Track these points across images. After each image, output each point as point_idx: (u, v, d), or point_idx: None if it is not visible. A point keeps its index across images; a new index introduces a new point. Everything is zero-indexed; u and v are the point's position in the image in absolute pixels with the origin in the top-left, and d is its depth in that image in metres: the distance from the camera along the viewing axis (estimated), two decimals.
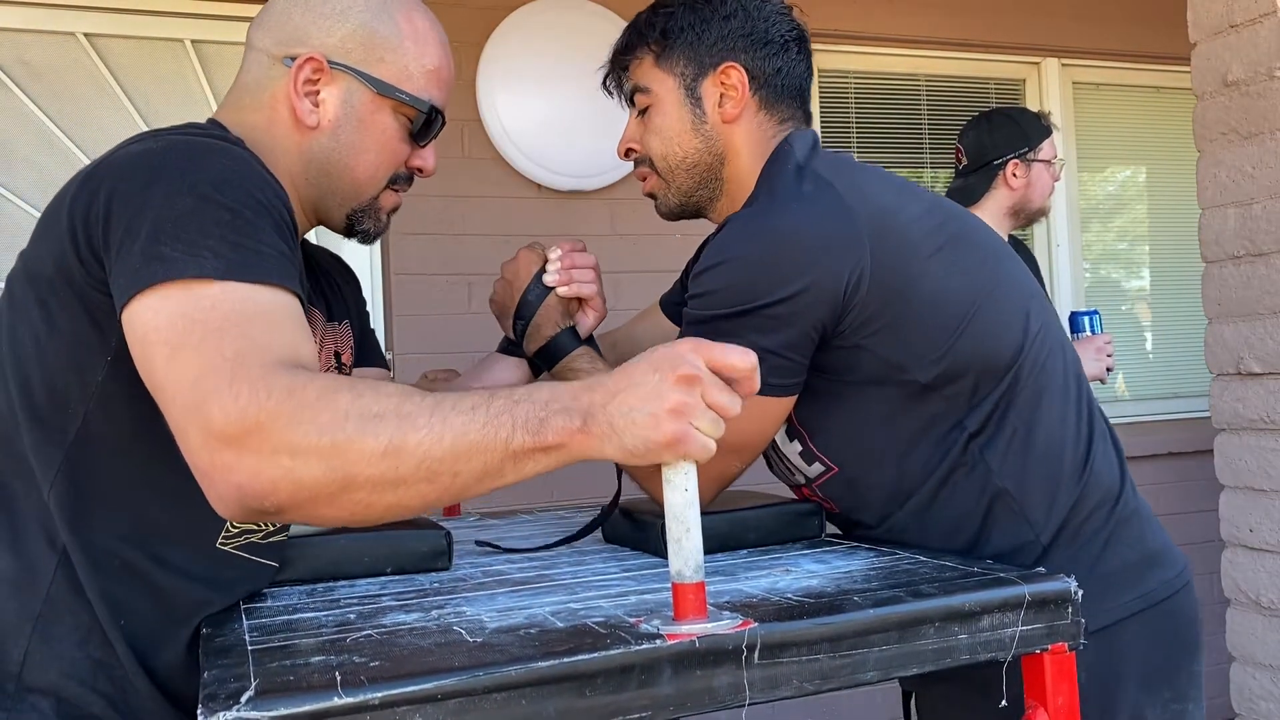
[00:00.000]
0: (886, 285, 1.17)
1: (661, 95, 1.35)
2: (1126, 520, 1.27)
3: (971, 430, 1.22)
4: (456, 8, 2.90)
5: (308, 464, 0.83)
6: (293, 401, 0.83)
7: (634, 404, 0.83)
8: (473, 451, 0.83)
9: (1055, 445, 1.24)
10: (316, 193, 1.17)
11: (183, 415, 0.85)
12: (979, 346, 1.20)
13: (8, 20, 2.61)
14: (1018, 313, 1.25)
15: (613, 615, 0.92)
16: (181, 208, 0.91)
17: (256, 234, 0.93)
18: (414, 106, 1.16)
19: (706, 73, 1.32)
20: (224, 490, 0.85)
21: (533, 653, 0.80)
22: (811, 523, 1.31)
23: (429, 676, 0.75)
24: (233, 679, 0.76)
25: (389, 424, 0.83)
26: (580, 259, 1.45)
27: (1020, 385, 1.22)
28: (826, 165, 1.26)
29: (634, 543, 1.30)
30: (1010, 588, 0.96)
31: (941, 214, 1.26)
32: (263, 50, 1.14)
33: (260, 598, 1.08)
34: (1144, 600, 1.23)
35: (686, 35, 1.32)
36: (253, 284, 0.90)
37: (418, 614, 0.97)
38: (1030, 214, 2.61)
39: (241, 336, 0.87)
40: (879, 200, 1.21)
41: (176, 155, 0.96)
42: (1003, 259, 1.29)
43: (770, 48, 1.32)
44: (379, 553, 1.16)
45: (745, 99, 1.32)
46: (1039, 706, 0.97)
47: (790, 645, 0.86)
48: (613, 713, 0.80)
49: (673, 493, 0.84)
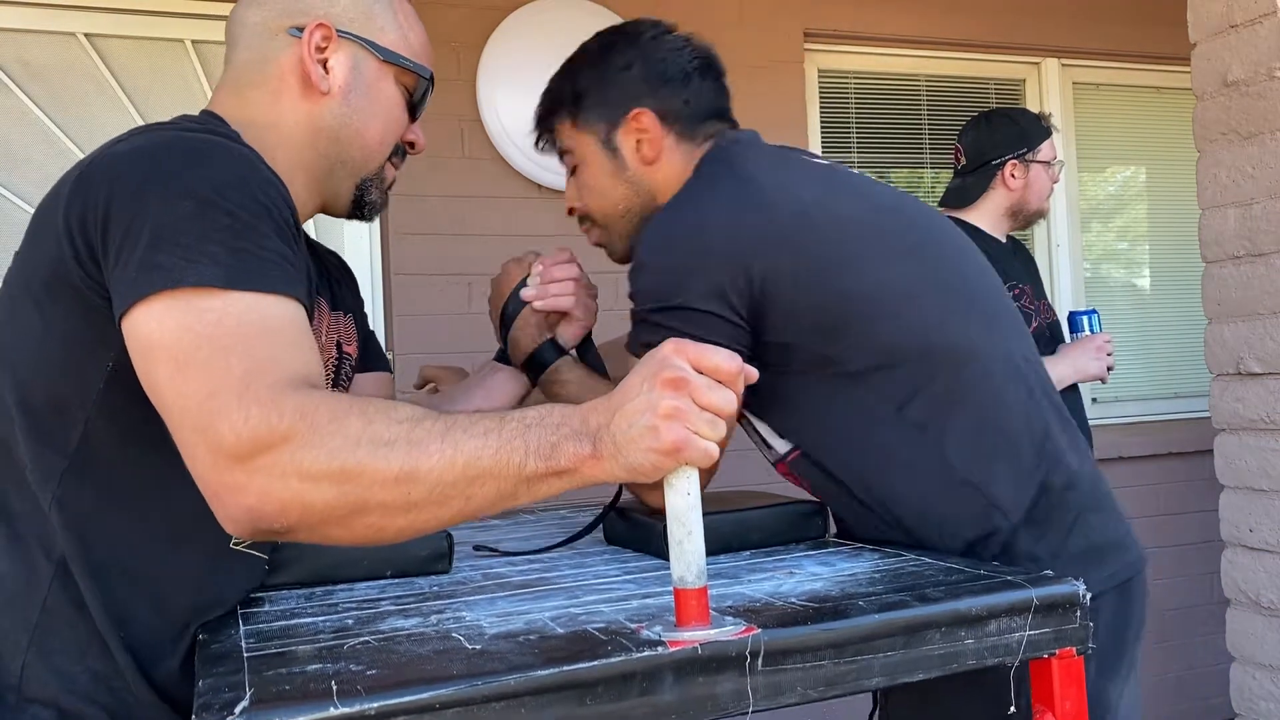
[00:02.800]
0: (810, 276, 1.20)
1: (584, 154, 1.42)
2: (1092, 506, 1.28)
3: (917, 420, 1.22)
4: (456, 8, 2.90)
5: (319, 488, 0.83)
6: (304, 424, 0.83)
7: (632, 418, 0.82)
8: (485, 477, 0.84)
9: (1010, 434, 1.24)
10: (326, 164, 1.15)
11: (191, 434, 0.85)
12: (912, 339, 1.22)
13: (8, 20, 2.61)
14: (958, 305, 1.26)
15: (614, 620, 0.91)
16: (181, 211, 0.89)
17: (259, 238, 0.92)
18: (416, 74, 1.19)
19: (618, 124, 1.38)
20: (234, 511, 0.84)
21: (532, 661, 0.79)
22: (815, 523, 1.31)
23: (426, 686, 0.74)
24: (227, 688, 0.75)
25: (400, 450, 0.83)
26: (559, 271, 1.46)
27: (964, 376, 1.23)
28: (754, 161, 1.30)
29: (635, 544, 1.30)
30: (1018, 591, 0.95)
31: (880, 207, 1.29)
32: (260, 25, 1.13)
33: (258, 602, 1.07)
34: (1109, 580, 1.24)
35: (592, 94, 1.39)
36: (256, 293, 0.89)
37: (416, 619, 0.96)
38: (1028, 215, 2.61)
39: (248, 354, 0.86)
40: (804, 194, 1.24)
41: (175, 154, 0.95)
42: (946, 252, 1.31)
43: (672, 85, 1.38)
44: (379, 556, 1.15)
45: (661, 138, 1.37)
46: (1047, 711, 0.96)
47: (794, 652, 0.85)
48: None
49: (674, 496, 0.83)
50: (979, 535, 1.22)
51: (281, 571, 1.12)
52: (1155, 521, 3.51)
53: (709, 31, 3.62)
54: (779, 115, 3.25)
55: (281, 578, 1.12)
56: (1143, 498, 3.49)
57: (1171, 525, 3.56)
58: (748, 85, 3.21)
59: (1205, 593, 3.53)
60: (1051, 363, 2.43)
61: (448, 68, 2.89)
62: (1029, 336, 1.37)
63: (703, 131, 1.39)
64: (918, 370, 1.22)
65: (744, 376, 0.86)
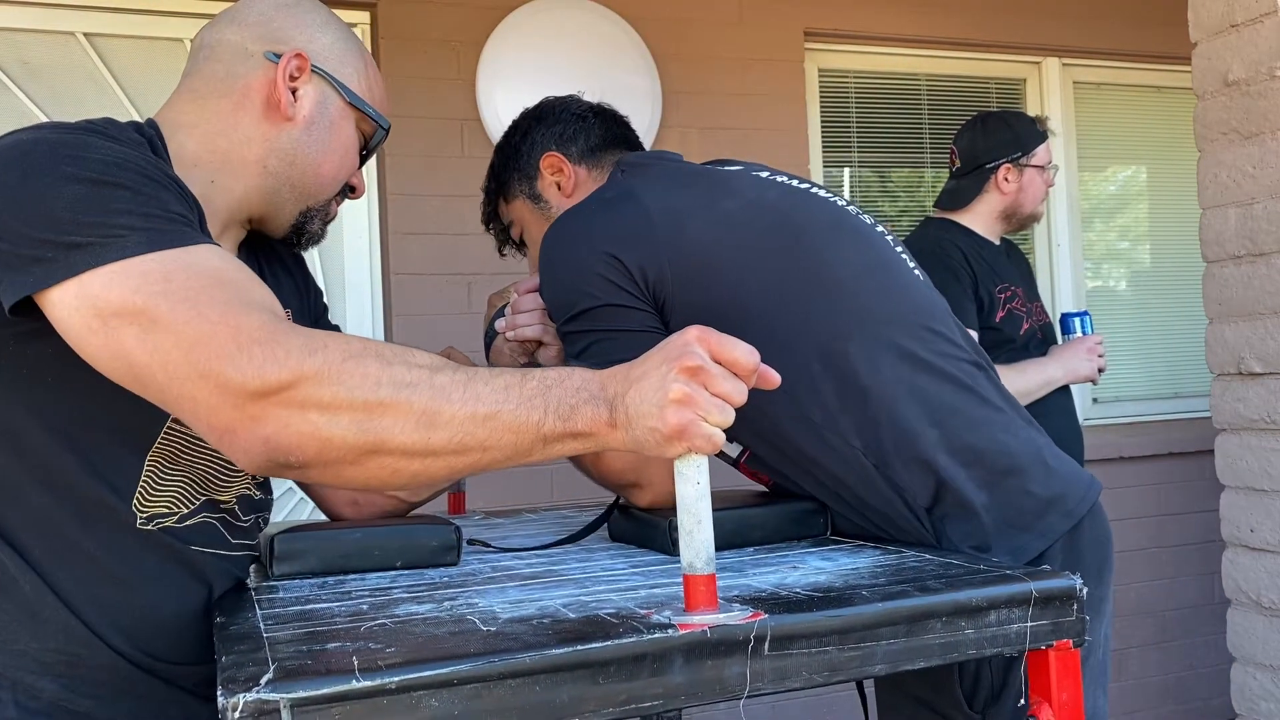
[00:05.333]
0: (691, 277, 1.25)
1: (521, 215, 1.56)
2: (1010, 471, 1.28)
3: (818, 420, 1.25)
4: (456, 8, 2.90)
5: (338, 422, 0.84)
6: (316, 360, 0.85)
7: (645, 394, 0.85)
8: (504, 430, 0.86)
9: (910, 422, 1.25)
10: (273, 182, 1.16)
11: (187, 384, 0.85)
12: (788, 336, 1.24)
13: (8, 20, 2.61)
14: (842, 304, 1.28)
15: (624, 607, 0.93)
16: (73, 194, 0.89)
17: (163, 204, 0.93)
18: (376, 123, 1.23)
19: (535, 176, 1.53)
20: (249, 442, 0.86)
21: (546, 641, 0.81)
22: (816, 521, 1.32)
23: (445, 662, 0.76)
24: (251, 663, 0.77)
25: (422, 393, 0.86)
26: (526, 302, 1.49)
27: (859, 372, 1.25)
28: (635, 174, 1.40)
29: (640, 540, 1.31)
30: (1017, 584, 0.97)
31: (767, 212, 1.33)
32: (238, 44, 1.15)
33: (270, 589, 1.09)
34: (1044, 540, 1.26)
35: (509, 167, 1.55)
36: (183, 248, 0.90)
37: (430, 605, 0.97)
38: (1022, 219, 2.61)
39: (213, 300, 0.87)
40: (675, 201, 1.31)
41: (50, 146, 0.93)
42: (817, 244, 1.32)
43: (567, 128, 1.52)
44: (390, 546, 1.17)
45: (572, 172, 1.51)
46: (1043, 703, 0.98)
47: (800, 637, 0.87)
48: (625, 701, 0.81)
49: (684, 485, 0.85)
50: (904, 522, 1.26)
51: (292, 561, 1.14)
52: (1155, 521, 3.51)
53: (709, 30, 3.62)
54: (779, 114, 3.25)
55: (292, 567, 1.14)
56: (1143, 498, 3.49)
57: (1172, 525, 3.56)
58: (747, 85, 3.22)
59: (1206, 593, 3.53)
60: (1043, 364, 2.44)
61: (448, 67, 2.89)
62: (924, 312, 1.35)
63: (609, 158, 1.52)
64: (790, 364, 1.22)
65: (760, 375, 0.88)
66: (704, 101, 3.15)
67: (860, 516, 1.29)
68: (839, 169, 3.56)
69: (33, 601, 0.99)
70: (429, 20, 2.89)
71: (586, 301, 1.26)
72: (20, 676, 0.99)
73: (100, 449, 1.01)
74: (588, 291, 1.26)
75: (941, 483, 1.25)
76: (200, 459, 1.08)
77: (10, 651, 0.99)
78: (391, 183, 2.85)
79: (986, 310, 2.44)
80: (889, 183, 3.73)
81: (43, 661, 0.99)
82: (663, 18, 3.10)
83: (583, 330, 1.27)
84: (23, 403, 0.99)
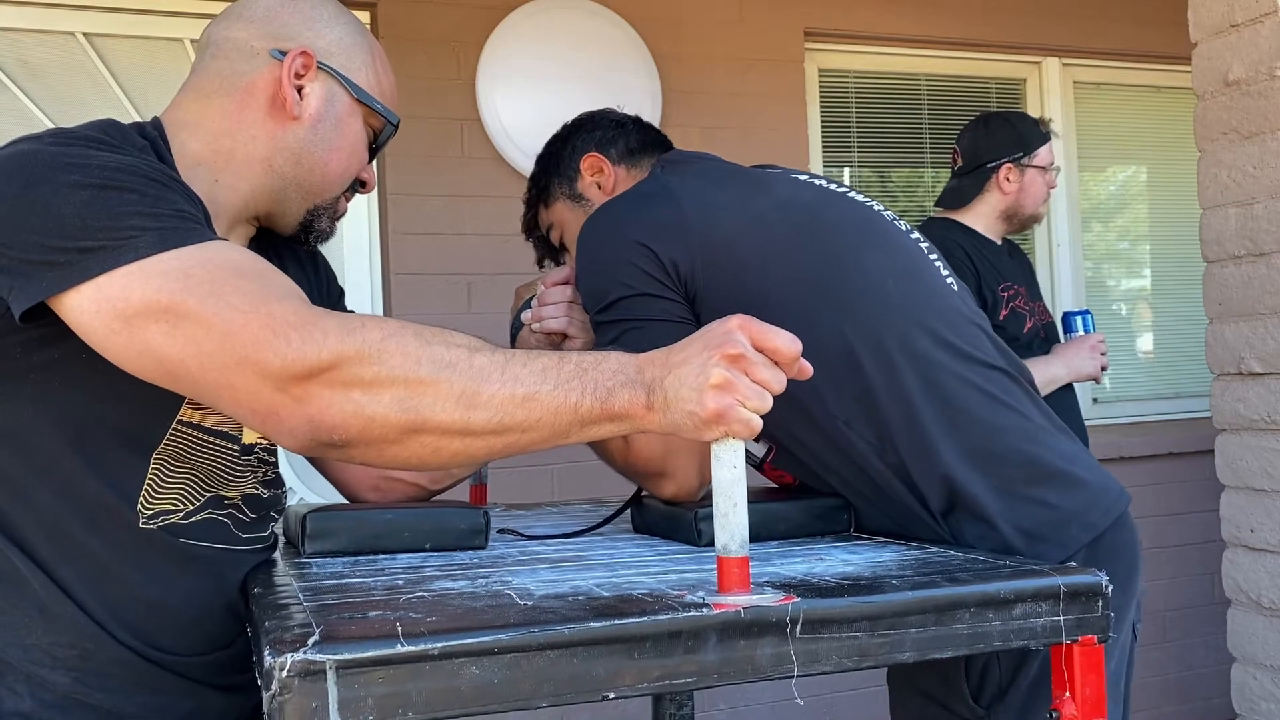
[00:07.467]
0: (721, 271, 1.27)
1: (561, 218, 1.56)
2: (1032, 481, 1.27)
3: (840, 417, 1.25)
4: (456, 8, 2.90)
5: (380, 400, 0.86)
6: (355, 340, 0.86)
7: (684, 379, 0.86)
8: (543, 411, 0.87)
9: (927, 425, 1.25)
10: (279, 182, 1.15)
11: (224, 373, 0.86)
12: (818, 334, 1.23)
13: (8, 20, 2.61)
14: (868, 305, 1.28)
15: (656, 589, 0.94)
16: (80, 200, 0.89)
17: (171, 204, 0.93)
18: (384, 118, 1.22)
19: (576, 178, 1.54)
20: (295, 423, 0.87)
21: (584, 615, 0.83)
22: (840, 517, 1.32)
23: (486, 630, 0.78)
24: (297, 626, 0.79)
25: (462, 373, 0.87)
26: (553, 294, 1.50)
27: (879, 372, 1.25)
28: (672, 170, 1.43)
29: (665, 531, 1.31)
30: (1044, 579, 0.99)
31: (799, 211, 1.34)
32: (243, 41, 1.14)
33: (303, 565, 1.11)
34: (1063, 552, 1.24)
35: (549, 172, 1.57)
36: (196, 245, 0.91)
37: (464, 582, 0.99)
38: (1023, 219, 2.61)
39: (238, 289, 0.88)
40: (710, 197, 1.33)
41: (51, 155, 0.93)
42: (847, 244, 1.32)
43: (607, 133, 1.55)
44: (420, 528, 1.19)
45: (612, 171, 1.53)
46: (1067, 697, 0.99)
47: (831, 621, 0.88)
48: (659, 676, 0.82)
49: (720, 469, 0.87)
50: (922, 523, 1.25)
51: (324, 539, 1.16)
52: (1156, 521, 3.51)
53: (709, 30, 3.62)
54: (779, 114, 3.25)
55: (324, 545, 1.16)
56: (1143, 498, 3.48)
57: (1172, 525, 3.56)
58: (748, 84, 3.22)
59: (1206, 593, 3.53)
60: (1045, 363, 2.44)
61: (448, 67, 2.89)
62: (951, 317, 1.34)
63: (647, 159, 1.54)
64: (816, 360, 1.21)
65: (800, 367, 0.90)
66: (704, 101, 3.15)
67: (882, 514, 1.29)
68: (839, 169, 3.56)
69: (43, 598, 1.00)
70: (429, 20, 2.89)
71: (619, 291, 1.28)
72: (34, 670, 1.00)
73: (106, 451, 1.02)
74: (621, 281, 1.28)
75: (955, 488, 1.24)
76: (206, 458, 1.08)
77: (24, 646, 1.00)
78: (391, 183, 2.85)
79: (990, 309, 2.45)
80: (889, 183, 3.73)
81: (55, 656, 1.00)
82: (663, 18, 3.10)
83: (615, 320, 1.29)
84: (30, 406, 1.00)
